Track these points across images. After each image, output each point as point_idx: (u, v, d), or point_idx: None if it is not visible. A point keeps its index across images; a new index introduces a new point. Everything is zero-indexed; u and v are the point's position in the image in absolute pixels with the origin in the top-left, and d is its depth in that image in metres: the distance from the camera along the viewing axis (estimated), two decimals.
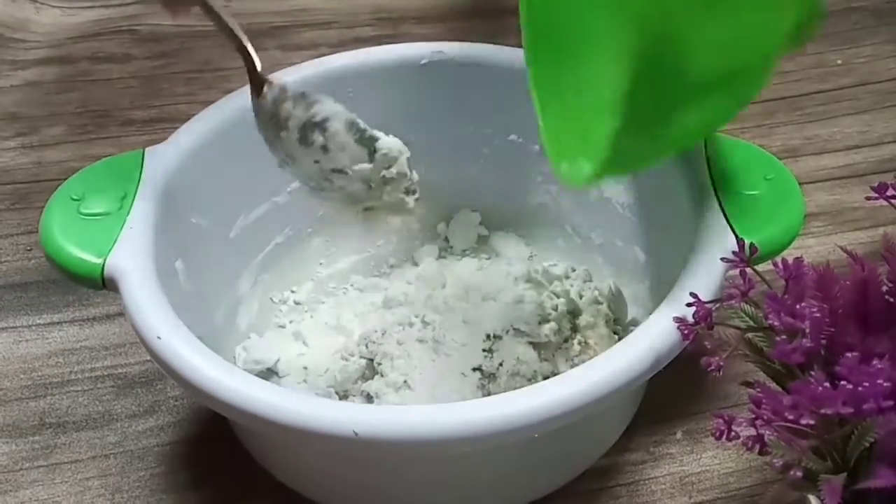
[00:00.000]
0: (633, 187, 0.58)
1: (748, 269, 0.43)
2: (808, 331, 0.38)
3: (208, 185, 0.55)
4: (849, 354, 0.36)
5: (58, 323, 0.63)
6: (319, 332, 0.60)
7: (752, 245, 0.43)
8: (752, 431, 0.39)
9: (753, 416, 0.39)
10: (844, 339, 0.40)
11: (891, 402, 0.36)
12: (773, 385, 0.41)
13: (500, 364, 0.55)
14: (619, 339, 0.58)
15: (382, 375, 0.56)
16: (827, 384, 0.36)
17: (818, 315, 0.39)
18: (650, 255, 0.58)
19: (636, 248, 0.59)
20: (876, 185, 0.42)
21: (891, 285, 0.41)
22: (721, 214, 0.50)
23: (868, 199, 0.42)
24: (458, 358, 0.55)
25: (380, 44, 0.62)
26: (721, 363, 0.41)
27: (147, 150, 0.55)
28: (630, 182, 0.58)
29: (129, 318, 0.47)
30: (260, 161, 0.55)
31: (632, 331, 0.49)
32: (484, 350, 0.56)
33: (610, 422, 0.54)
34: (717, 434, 0.40)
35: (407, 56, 0.61)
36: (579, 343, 0.58)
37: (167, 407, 0.58)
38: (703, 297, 0.44)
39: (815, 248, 0.65)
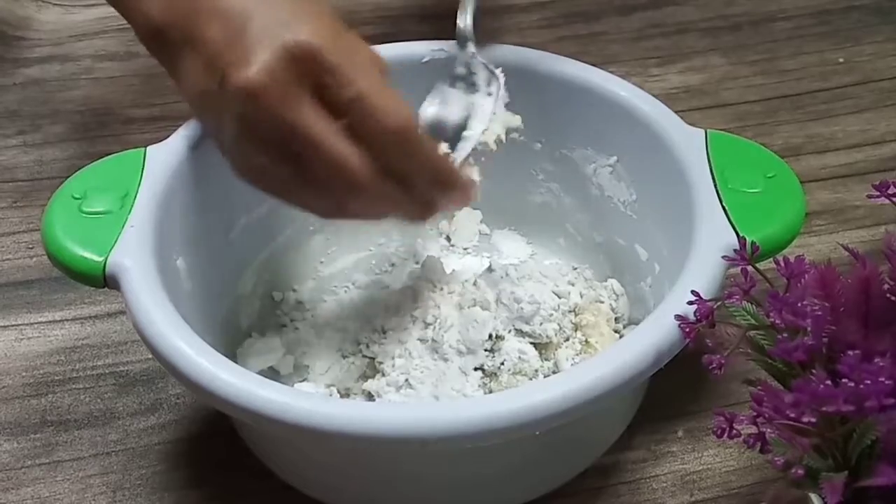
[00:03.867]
0: (635, 185, 0.58)
1: (749, 268, 0.43)
2: (809, 329, 0.38)
3: (210, 184, 0.55)
4: (850, 352, 0.36)
5: (59, 321, 0.63)
6: (321, 331, 0.60)
7: (753, 243, 0.43)
8: (754, 429, 0.39)
9: (755, 414, 0.39)
10: (846, 337, 0.40)
11: (892, 400, 0.36)
12: (775, 383, 0.41)
13: (502, 363, 0.55)
14: (621, 337, 0.58)
15: (384, 374, 0.55)
16: (828, 382, 0.36)
17: (820, 313, 0.39)
18: (651, 254, 0.58)
19: (637, 246, 0.59)
20: (877, 183, 0.42)
21: (892, 283, 0.41)
22: (722, 212, 0.50)
23: (869, 197, 0.42)
24: (460, 357, 0.55)
25: (381, 42, 0.62)
26: (722, 361, 0.41)
27: (149, 148, 0.55)
28: (631, 180, 0.58)
29: (130, 316, 0.47)
30: None
31: (633, 329, 0.49)
32: (485, 349, 0.56)
33: (611, 420, 0.54)
34: (719, 432, 0.40)
35: (408, 54, 0.61)
36: (580, 342, 0.58)
37: (168, 405, 0.58)
38: (705, 295, 0.44)
39: (816, 247, 0.65)
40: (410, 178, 0.48)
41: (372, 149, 0.46)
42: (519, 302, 0.57)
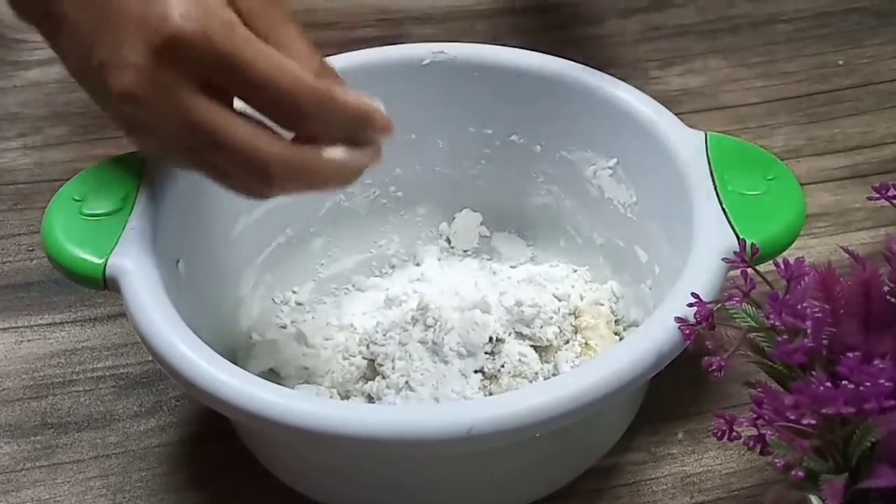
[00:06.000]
0: (635, 188, 0.58)
1: (749, 270, 0.43)
2: (809, 331, 0.38)
3: (210, 185, 0.55)
4: (850, 354, 0.36)
5: (59, 323, 0.63)
6: (321, 333, 0.60)
7: (753, 245, 0.43)
8: (754, 431, 0.39)
9: (755, 416, 0.39)
10: (846, 339, 0.40)
11: (892, 402, 0.36)
12: (775, 385, 0.41)
13: (502, 366, 0.55)
14: (621, 339, 0.58)
15: (384, 377, 0.56)
16: (828, 384, 0.36)
17: (820, 315, 0.39)
18: (651, 256, 0.58)
19: (637, 248, 0.59)
20: (878, 185, 0.42)
21: (892, 285, 0.41)
22: (722, 214, 0.50)
23: (870, 199, 0.43)
24: (460, 360, 0.55)
25: (382, 45, 0.62)
26: (722, 363, 0.41)
27: None
28: (631, 182, 0.58)
29: (130, 318, 0.48)
30: None
31: (633, 331, 0.49)
32: (486, 352, 0.56)
33: (611, 422, 0.54)
34: (719, 434, 0.40)
35: (409, 57, 0.61)
36: (580, 344, 0.58)
37: (168, 407, 0.58)
38: (705, 297, 0.44)
39: (816, 249, 0.65)
40: (336, 136, 0.44)
41: (282, 123, 0.43)
42: (519, 305, 0.57)
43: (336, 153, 0.44)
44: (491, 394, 0.55)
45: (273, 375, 0.58)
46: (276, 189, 0.44)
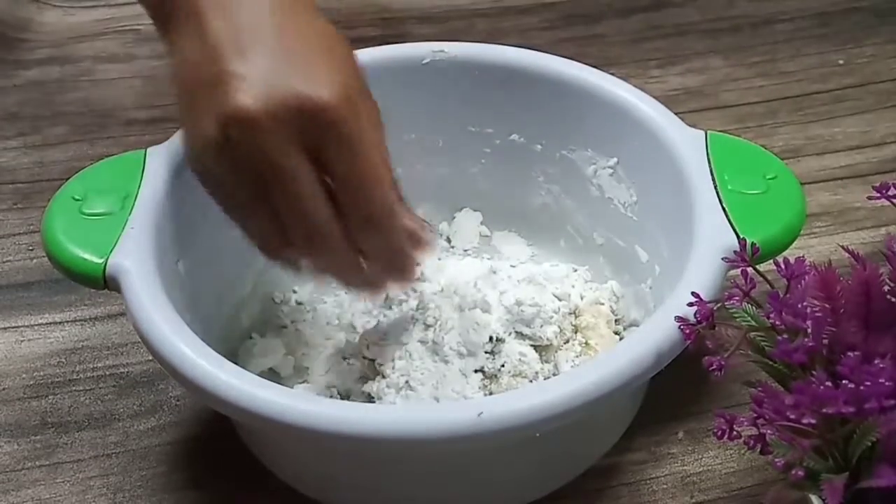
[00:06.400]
0: (635, 187, 0.58)
1: (750, 269, 0.43)
2: (809, 330, 0.38)
3: None
4: (850, 354, 0.36)
5: (60, 322, 0.63)
6: (321, 333, 0.60)
7: (753, 244, 0.43)
8: (754, 431, 0.39)
9: (755, 415, 0.39)
10: (846, 338, 0.40)
11: (892, 402, 0.36)
12: (775, 384, 0.41)
13: (502, 365, 0.55)
14: (621, 339, 0.58)
15: (384, 376, 0.55)
16: (829, 384, 0.36)
17: (820, 314, 0.39)
18: (651, 255, 0.58)
19: (637, 247, 0.59)
20: (878, 184, 0.42)
21: (892, 285, 0.41)
22: (722, 214, 0.50)
23: (870, 198, 0.43)
24: (460, 359, 0.55)
25: (382, 44, 0.62)
26: (722, 363, 0.41)
27: (149, 150, 0.55)
28: (631, 182, 0.58)
29: (130, 318, 0.47)
30: None
31: (633, 331, 0.49)
32: (486, 352, 0.56)
33: (611, 421, 0.54)
34: (719, 433, 0.40)
35: (409, 56, 0.61)
36: (580, 344, 0.58)
37: (169, 406, 0.58)
38: (705, 296, 0.44)
39: (816, 248, 0.65)
40: (369, 256, 0.48)
41: (347, 219, 0.46)
42: (520, 304, 0.57)
43: (371, 271, 0.49)
44: (491, 393, 0.55)
45: (273, 375, 0.58)
46: (319, 265, 0.48)
